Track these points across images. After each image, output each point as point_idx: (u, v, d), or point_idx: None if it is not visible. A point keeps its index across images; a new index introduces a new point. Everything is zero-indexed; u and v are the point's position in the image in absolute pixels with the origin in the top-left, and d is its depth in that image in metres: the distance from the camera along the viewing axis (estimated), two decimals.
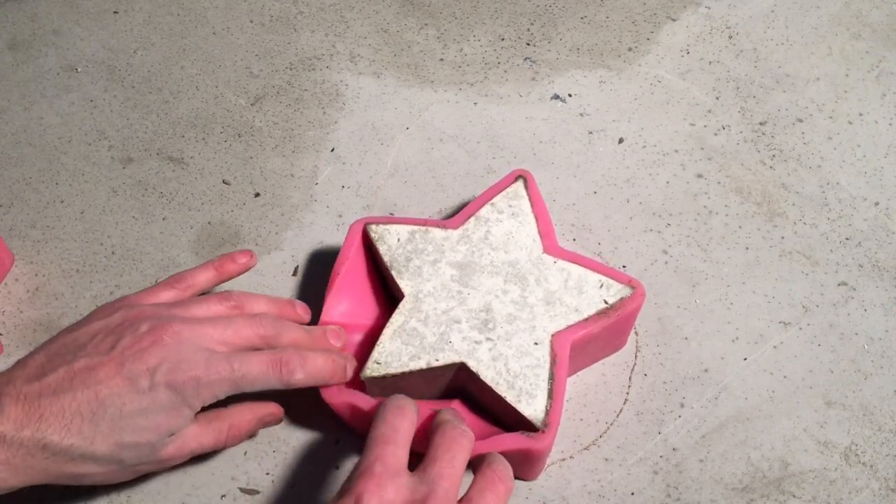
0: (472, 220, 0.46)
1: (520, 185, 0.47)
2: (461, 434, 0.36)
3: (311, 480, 0.43)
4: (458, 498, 0.34)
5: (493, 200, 0.46)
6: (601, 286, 0.43)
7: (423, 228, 0.45)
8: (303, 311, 0.45)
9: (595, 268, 0.44)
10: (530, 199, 0.46)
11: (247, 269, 0.46)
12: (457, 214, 0.47)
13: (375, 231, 0.45)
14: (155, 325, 0.38)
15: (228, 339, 0.39)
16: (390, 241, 0.45)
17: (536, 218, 0.46)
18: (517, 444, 0.39)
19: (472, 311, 0.42)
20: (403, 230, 0.45)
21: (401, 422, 0.36)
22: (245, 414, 0.42)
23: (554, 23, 0.63)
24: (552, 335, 0.41)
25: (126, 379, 0.36)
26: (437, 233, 0.45)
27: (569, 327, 0.42)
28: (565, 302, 0.42)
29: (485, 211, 0.46)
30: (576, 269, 0.44)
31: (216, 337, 0.39)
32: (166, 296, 0.42)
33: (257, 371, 0.38)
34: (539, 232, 0.45)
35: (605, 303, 0.42)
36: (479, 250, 0.44)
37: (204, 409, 0.39)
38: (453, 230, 0.45)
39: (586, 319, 0.42)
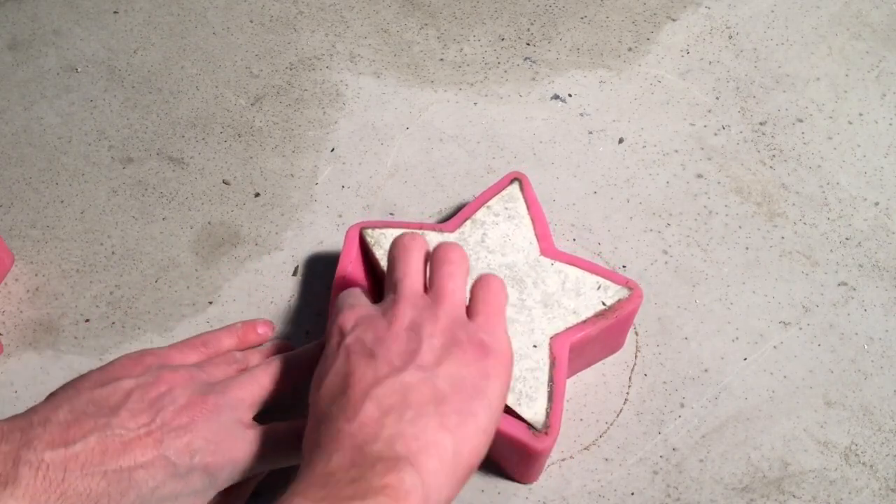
0: (467, 223, 0.46)
1: (515, 187, 0.47)
2: (413, 249, 0.39)
3: None
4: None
5: (489, 203, 0.46)
6: (598, 288, 0.43)
7: (418, 233, 0.45)
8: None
9: (592, 269, 0.44)
10: (526, 202, 0.46)
11: (264, 342, 0.46)
12: (453, 217, 0.46)
13: (371, 236, 0.45)
14: (193, 398, 0.36)
15: (256, 399, 0.39)
16: (386, 245, 0.44)
17: (533, 220, 0.46)
18: (518, 433, 0.39)
19: None
20: (398, 234, 0.45)
21: (353, 296, 0.39)
22: (249, 483, 0.40)
23: (554, 23, 0.63)
24: (551, 338, 0.41)
25: (164, 459, 0.34)
26: (432, 236, 0.45)
27: (567, 329, 0.42)
28: (563, 304, 0.42)
29: (480, 214, 0.46)
30: (573, 271, 0.43)
31: (247, 401, 0.38)
32: (192, 358, 0.41)
33: (287, 449, 0.38)
34: (536, 234, 0.45)
35: (603, 304, 0.42)
36: (475, 254, 0.44)
37: None
38: (449, 233, 0.45)
39: (584, 321, 0.42)
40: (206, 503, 0.36)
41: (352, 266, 0.45)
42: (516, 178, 0.47)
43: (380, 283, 0.46)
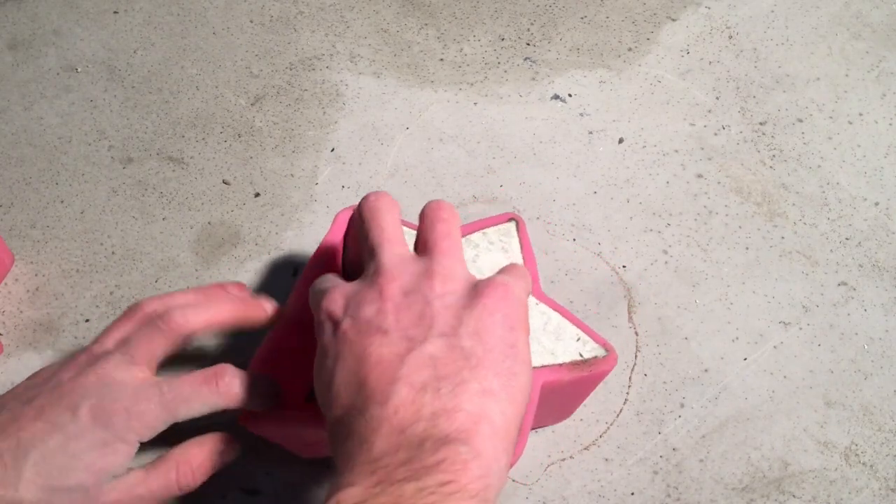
0: (462, 241, 0.44)
1: (512, 226, 0.45)
2: (390, 220, 0.36)
3: (311, 480, 0.43)
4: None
5: (486, 230, 0.45)
6: (578, 340, 0.41)
7: (411, 233, 0.43)
8: (236, 289, 0.41)
9: (574, 321, 0.42)
10: (520, 242, 0.45)
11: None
12: None
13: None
14: (80, 371, 0.35)
15: (143, 356, 0.36)
16: None
17: (524, 259, 0.44)
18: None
19: None
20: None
21: (328, 279, 0.36)
22: (191, 449, 0.37)
23: (554, 23, 0.63)
24: None
25: (47, 422, 0.33)
26: None
27: (543, 367, 0.40)
28: (542, 343, 0.41)
29: (476, 237, 0.44)
30: (556, 316, 0.42)
31: (139, 359, 0.36)
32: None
33: (189, 389, 0.35)
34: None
35: (580, 356, 0.40)
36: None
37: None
38: None
39: (560, 365, 0.40)
40: (125, 461, 0.35)
41: (332, 247, 0.44)
42: (513, 219, 0.46)
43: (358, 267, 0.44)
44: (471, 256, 0.43)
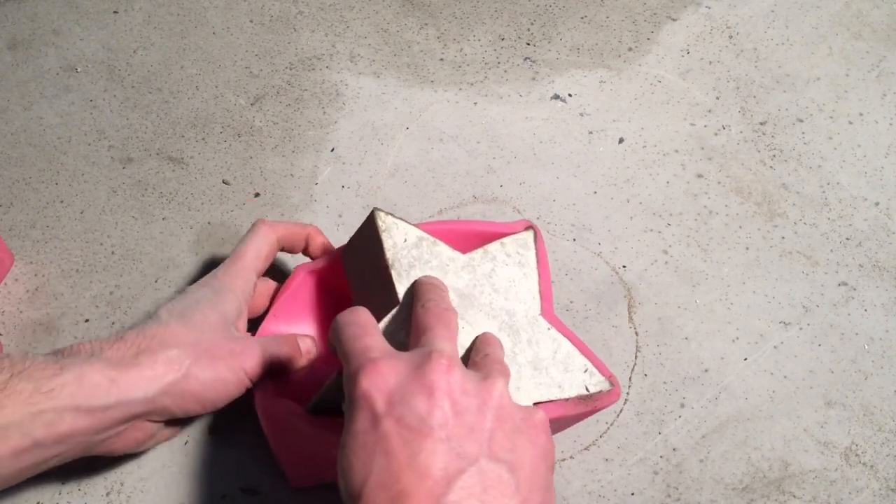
0: (479, 252, 0.42)
1: (529, 236, 0.44)
2: (447, 310, 0.34)
3: None
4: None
5: (504, 241, 0.43)
6: (585, 371, 0.40)
7: (431, 239, 0.41)
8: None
9: (582, 349, 0.42)
10: (537, 255, 0.44)
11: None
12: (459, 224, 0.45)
13: (384, 220, 0.41)
14: None
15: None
16: (397, 237, 0.41)
17: (539, 276, 0.43)
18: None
19: (462, 346, 0.38)
20: (413, 232, 0.41)
21: (360, 317, 0.34)
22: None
23: (554, 23, 0.63)
24: (533, 404, 0.38)
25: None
26: (444, 249, 0.41)
27: (550, 402, 0.39)
28: (551, 374, 0.40)
29: (494, 248, 0.43)
30: (566, 344, 0.41)
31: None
32: None
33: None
34: (540, 291, 0.43)
35: (586, 389, 0.40)
36: (480, 286, 0.41)
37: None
38: (459, 253, 0.42)
39: (567, 400, 0.40)
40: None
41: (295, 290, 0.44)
42: (531, 228, 0.44)
43: (369, 271, 0.42)
44: (487, 270, 0.42)
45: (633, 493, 0.42)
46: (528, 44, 0.62)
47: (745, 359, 0.47)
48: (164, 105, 0.59)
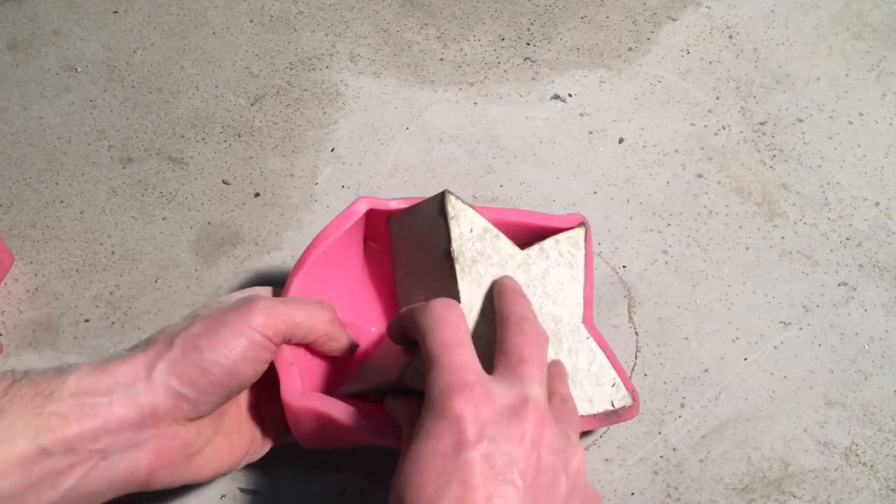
0: (535, 248, 0.40)
1: (581, 234, 0.42)
2: (541, 336, 0.33)
3: (311, 480, 0.43)
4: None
5: (559, 238, 0.41)
6: (613, 385, 0.40)
7: (494, 231, 0.38)
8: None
9: (613, 362, 0.41)
10: (585, 256, 0.42)
11: None
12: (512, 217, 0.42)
13: (454, 206, 0.37)
14: None
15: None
16: (464, 226, 0.37)
17: (585, 282, 0.42)
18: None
19: None
20: (479, 221, 0.38)
21: (457, 318, 0.32)
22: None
23: (554, 23, 0.63)
24: None
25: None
26: (505, 244, 0.39)
27: (580, 416, 0.39)
28: (585, 387, 0.39)
29: (549, 245, 0.41)
30: (601, 356, 0.40)
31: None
32: None
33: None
34: (584, 296, 0.42)
35: (612, 405, 0.40)
36: (533, 287, 0.39)
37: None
38: (518, 249, 0.40)
39: (594, 416, 0.39)
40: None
41: (343, 238, 0.40)
42: (583, 224, 0.42)
43: (425, 255, 0.39)
44: (541, 271, 0.40)
45: (633, 493, 0.42)
46: (528, 44, 0.62)
47: (745, 359, 0.47)
48: (164, 105, 0.59)
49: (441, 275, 0.37)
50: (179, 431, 0.34)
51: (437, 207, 0.37)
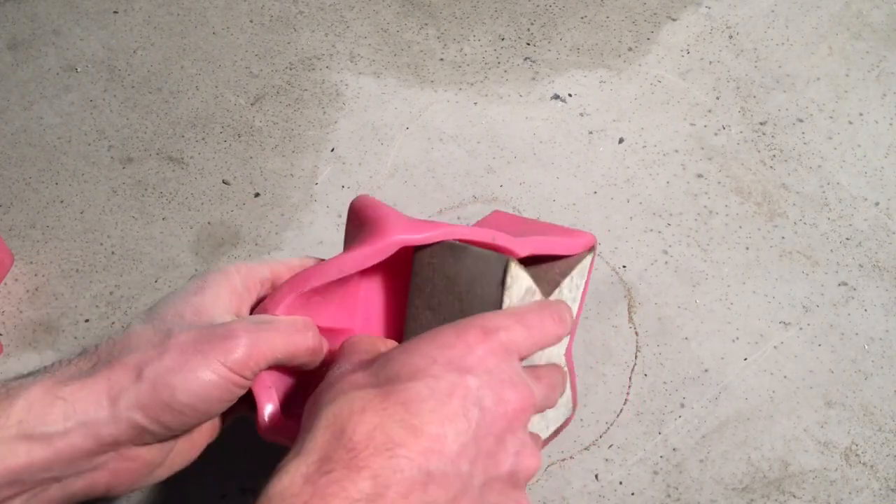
0: (556, 291, 0.39)
1: (589, 259, 0.41)
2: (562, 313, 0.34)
3: None
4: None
5: (573, 274, 0.40)
6: (566, 403, 0.40)
7: (533, 289, 0.37)
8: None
9: (574, 382, 0.41)
10: (585, 284, 0.41)
11: None
12: (541, 265, 0.40)
13: (513, 275, 0.35)
14: None
15: None
16: (515, 293, 0.36)
17: (580, 303, 0.41)
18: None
19: None
20: (525, 283, 0.36)
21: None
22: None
23: (554, 23, 0.63)
24: None
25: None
26: (539, 298, 0.38)
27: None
28: (548, 415, 0.39)
29: (566, 284, 0.40)
30: (569, 388, 0.40)
31: None
32: None
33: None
34: (571, 330, 0.41)
35: (562, 421, 0.40)
36: None
37: None
38: (545, 299, 0.38)
39: (547, 438, 0.39)
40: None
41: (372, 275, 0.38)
42: (594, 248, 0.41)
43: (459, 305, 0.37)
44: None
45: (633, 493, 0.42)
46: (528, 44, 0.62)
47: (745, 359, 0.47)
48: (164, 105, 0.59)
49: (475, 313, 0.36)
50: (140, 453, 0.32)
51: (497, 275, 0.35)
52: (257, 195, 0.54)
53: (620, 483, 0.43)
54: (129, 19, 0.64)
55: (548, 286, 0.38)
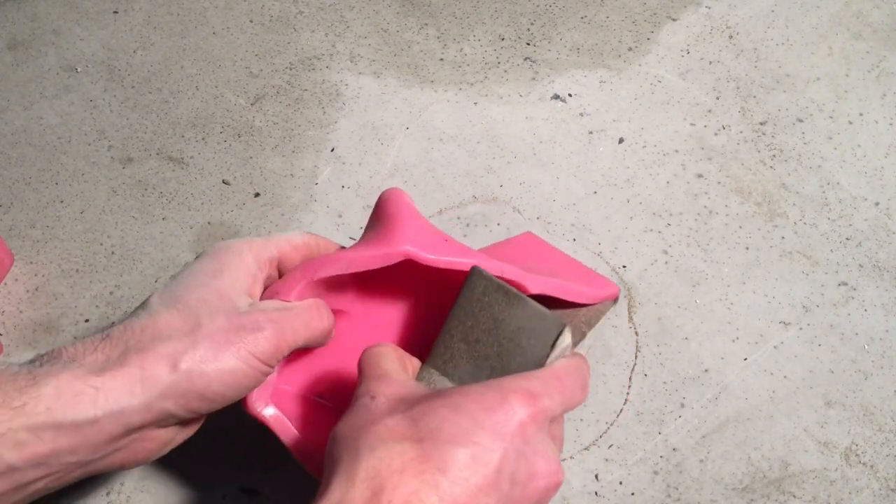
0: (581, 344, 0.41)
1: (609, 308, 0.41)
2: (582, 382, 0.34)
3: (311, 480, 0.43)
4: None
5: (598, 325, 0.41)
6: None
7: (569, 344, 0.37)
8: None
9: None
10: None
11: None
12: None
13: (564, 335, 0.36)
14: None
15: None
16: (560, 349, 0.36)
17: None
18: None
19: None
20: (568, 338, 0.37)
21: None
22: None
23: (554, 23, 0.63)
24: None
25: None
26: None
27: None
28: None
29: (589, 335, 0.40)
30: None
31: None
32: None
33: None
34: None
35: None
36: None
37: None
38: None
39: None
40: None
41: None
42: (616, 300, 0.41)
43: (497, 350, 0.37)
44: None
45: (633, 493, 0.42)
46: (528, 44, 0.62)
47: (745, 359, 0.47)
48: (164, 105, 0.59)
49: (508, 367, 0.36)
50: (159, 434, 0.33)
51: (549, 337, 0.35)
52: (257, 195, 0.54)
53: (620, 483, 0.43)
54: (129, 19, 0.64)
55: (574, 335, 0.38)
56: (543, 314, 0.35)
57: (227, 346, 0.32)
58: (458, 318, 0.37)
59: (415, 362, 0.36)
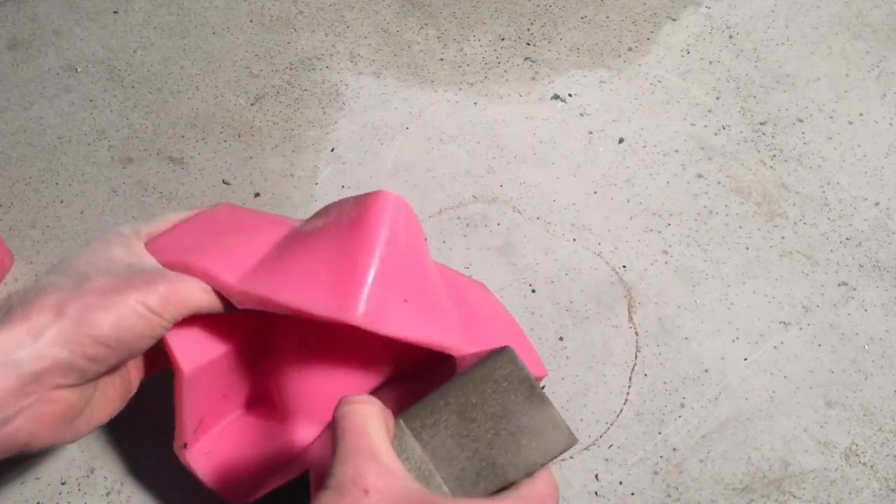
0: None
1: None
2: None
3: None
4: None
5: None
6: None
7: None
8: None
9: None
10: None
11: None
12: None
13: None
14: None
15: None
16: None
17: None
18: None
19: None
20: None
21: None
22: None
23: (554, 23, 0.63)
24: None
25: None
26: None
27: None
28: None
29: None
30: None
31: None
32: None
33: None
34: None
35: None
36: None
37: None
38: None
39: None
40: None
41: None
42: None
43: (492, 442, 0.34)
44: None
45: (633, 493, 0.42)
46: (528, 44, 0.62)
47: (745, 359, 0.47)
48: (164, 105, 0.59)
49: (495, 459, 0.34)
50: (63, 395, 0.32)
51: (556, 449, 0.33)
52: (257, 195, 0.54)
53: (620, 483, 0.43)
54: (129, 19, 0.64)
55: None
56: (558, 422, 0.33)
57: (114, 294, 0.32)
58: (463, 389, 0.34)
59: (392, 423, 0.33)
